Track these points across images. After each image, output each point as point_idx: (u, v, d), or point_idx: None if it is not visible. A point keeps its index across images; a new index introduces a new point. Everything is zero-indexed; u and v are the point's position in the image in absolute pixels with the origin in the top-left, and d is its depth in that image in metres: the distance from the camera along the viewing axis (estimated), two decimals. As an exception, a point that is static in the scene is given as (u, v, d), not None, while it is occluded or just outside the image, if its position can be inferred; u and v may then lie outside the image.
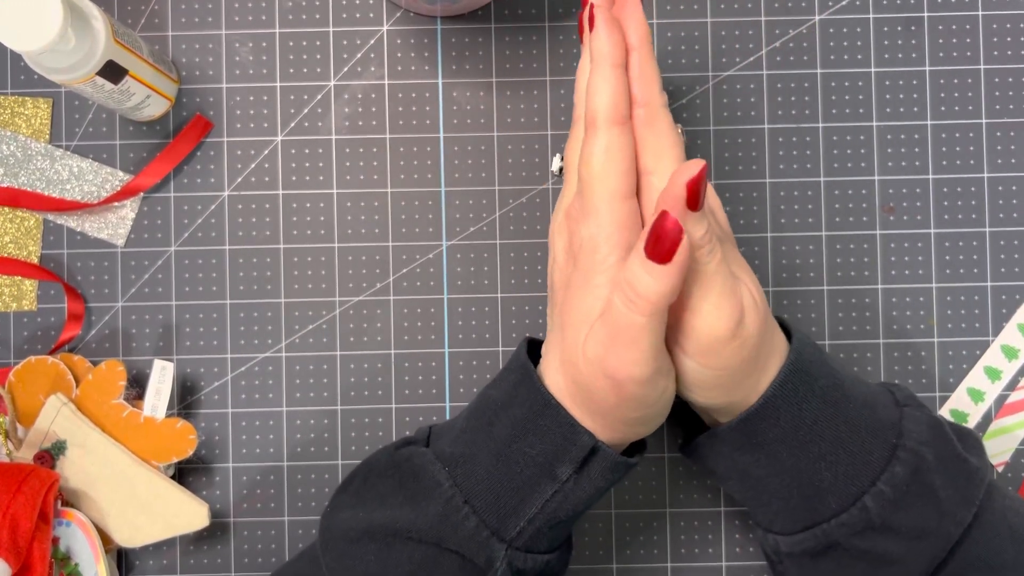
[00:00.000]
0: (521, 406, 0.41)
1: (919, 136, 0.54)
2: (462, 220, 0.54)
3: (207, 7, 0.54)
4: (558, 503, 0.41)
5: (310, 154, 0.54)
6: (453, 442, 0.43)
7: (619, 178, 0.40)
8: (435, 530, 0.41)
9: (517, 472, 0.40)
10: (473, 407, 0.44)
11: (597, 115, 0.40)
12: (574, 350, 0.40)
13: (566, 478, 0.40)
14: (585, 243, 0.40)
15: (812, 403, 0.40)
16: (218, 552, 0.53)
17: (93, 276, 0.54)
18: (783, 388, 0.40)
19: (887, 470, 0.40)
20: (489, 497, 0.41)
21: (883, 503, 0.40)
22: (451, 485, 0.41)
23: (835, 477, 0.40)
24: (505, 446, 0.41)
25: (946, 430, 0.42)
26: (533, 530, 0.41)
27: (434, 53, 0.54)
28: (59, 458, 0.50)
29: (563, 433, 0.40)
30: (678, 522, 0.53)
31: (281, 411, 0.53)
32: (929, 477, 0.40)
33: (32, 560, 0.47)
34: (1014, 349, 0.53)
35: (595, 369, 0.39)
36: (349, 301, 0.54)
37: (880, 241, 0.53)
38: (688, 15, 0.54)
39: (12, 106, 0.54)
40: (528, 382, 0.41)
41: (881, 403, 0.42)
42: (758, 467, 0.42)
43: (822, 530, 0.41)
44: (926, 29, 0.54)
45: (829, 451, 0.40)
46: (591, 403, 0.40)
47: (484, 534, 0.40)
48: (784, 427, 0.40)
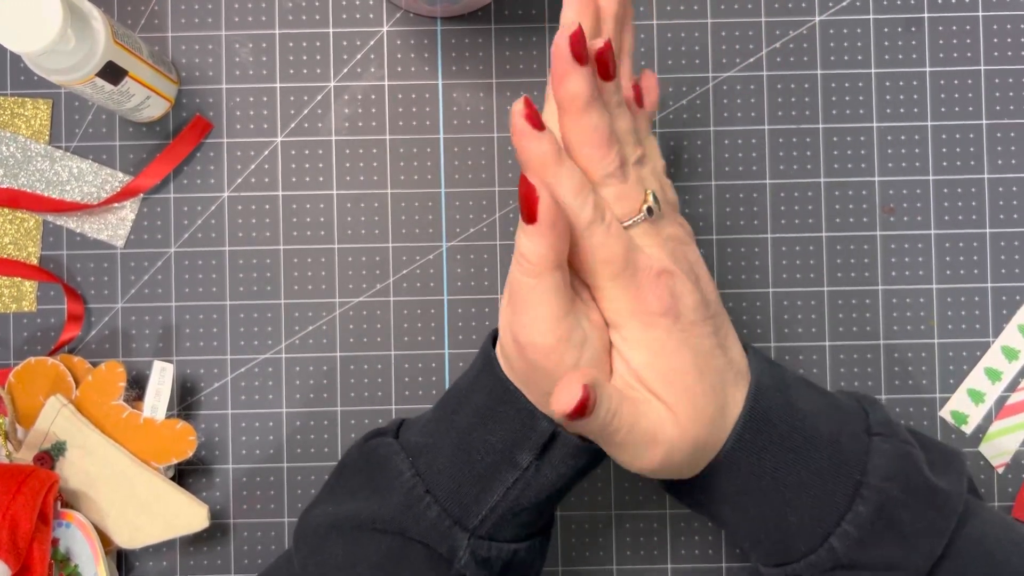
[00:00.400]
0: (482, 393, 0.41)
1: (919, 137, 0.54)
2: (462, 221, 0.54)
3: (207, 8, 0.54)
4: (520, 490, 0.40)
5: (310, 155, 0.54)
6: (420, 432, 0.43)
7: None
8: (398, 520, 0.41)
9: (478, 460, 0.40)
10: (443, 398, 0.44)
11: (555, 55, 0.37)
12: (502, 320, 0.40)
13: (527, 465, 0.40)
14: None
15: (771, 452, 0.39)
16: (218, 553, 0.53)
17: (93, 277, 0.54)
18: (739, 443, 0.39)
19: (851, 510, 0.39)
20: (450, 486, 0.41)
21: (849, 543, 0.39)
22: (413, 475, 0.41)
23: (801, 520, 0.40)
24: (466, 434, 0.41)
25: (915, 460, 0.40)
26: (496, 518, 0.41)
27: (434, 54, 0.54)
28: (59, 459, 0.50)
29: (522, 419, 0.40)
30: (678, 522, 0.53)
31: (281, 412, 0.53)
32: (896, 512, 0.39)
33: (32, 561, 0.47)
34: (1014, 350, 0.53)
35: (507, 335, 0.39)
36: (349, 302, 0.54)
37: (880, 242, 0.53)
38: (688, 15, 0.54)
39: (12, 107, 0.54)
40: (488, 369, 0.41)
41: (848, 433, 0.41)
42: (724, 513, 0.42)
43: (793, 569, 0.41)
44: (926, 29, 0.54)
45: (793, 497, 0.39)
46: (513, 373, 0.40)
47: (446, 523, 0.40)
48: (745, 479, 0.40)
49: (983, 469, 0.53)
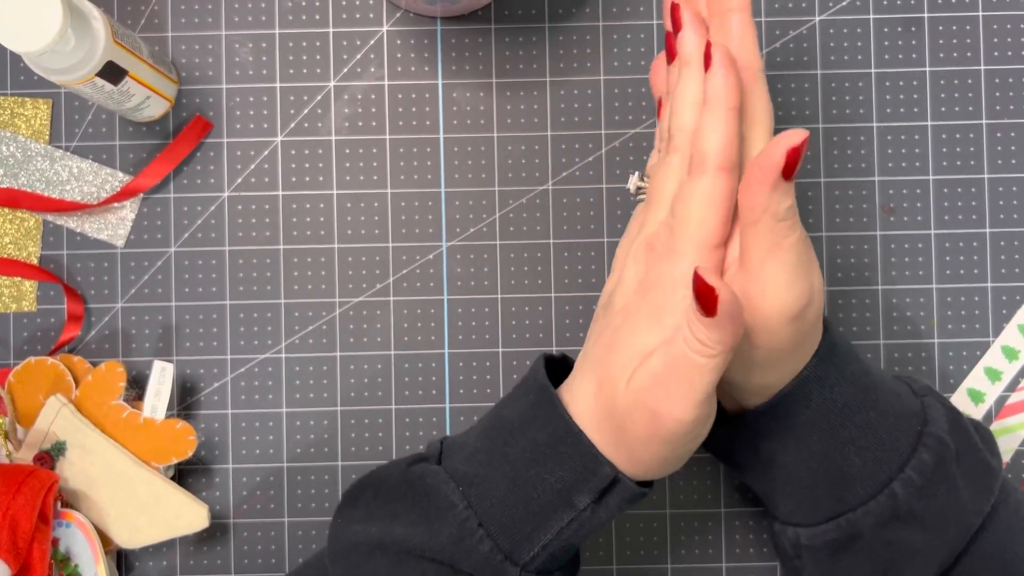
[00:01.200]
0: (541, 430, 0.40)
1: (919, 136, 0.54)
2: (462, 221, 0.54)
3: (207, 8, 0.54)
4: (574, 531, 0.40)
5: (310, 155, 0.54)
6: (467, 460, 0.42)
7: (717, 227, 0.38)
8: (448, 551, 0.40)
9: (534, 498, 0.40)
10: (487, 425, 0.43)
11: (707, 158, 0.38)
12: (620, 376, 0.38)
13: (584, 507, 0.40)
14: (665, 281, 0.39)
15: (843, 387, 0.40)
16: (218, 553, 0.53)
17: (93, 277, 0.54)
18: (816, 370, 0.40)
19: (914, 456, 0.40)
20: (504, 521, 0.40)
21: (910, 490, 0.40)
22: (466, 507, 0.40)
23: (864, 463, 0.40)
24: (523, 470, 0.40)
25: (964, 422, 0.42)
26: (547, 555, 0.40)
27: (434, 53, 0.54)
28: (59, 459, 0.50)
29: (584, 463, 0.39)
30: (678, 522, 0.53)
31: (281, 412, 0.53)
32: (951, 467, 0.40)
33: (32, 561, 0.47)
34: (1014, 350, 0.53)
35: (637, 399, 0.38)
36: (349, 302, 0.54)
37: (880, 241, 0.53)
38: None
39: (12, 107, 0.54)
40: (548, 405, 0.40)
41: (903, 392, 0.42)
42: (785, 453, 0.41)
43: (847, 520, 0.41)
44: (926, 29, 0.54)
45: (858, 436, 0.40)
46: (620, 433, 0.39)
47: (498, 558, 0.40)
48: (815, 410, 0.40)
49: (983, 469, 0.53)
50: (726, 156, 0.38)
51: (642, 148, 0.54)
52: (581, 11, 0.54)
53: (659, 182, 0.42)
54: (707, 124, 0.39)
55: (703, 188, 0.38)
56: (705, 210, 0.38)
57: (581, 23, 0.54)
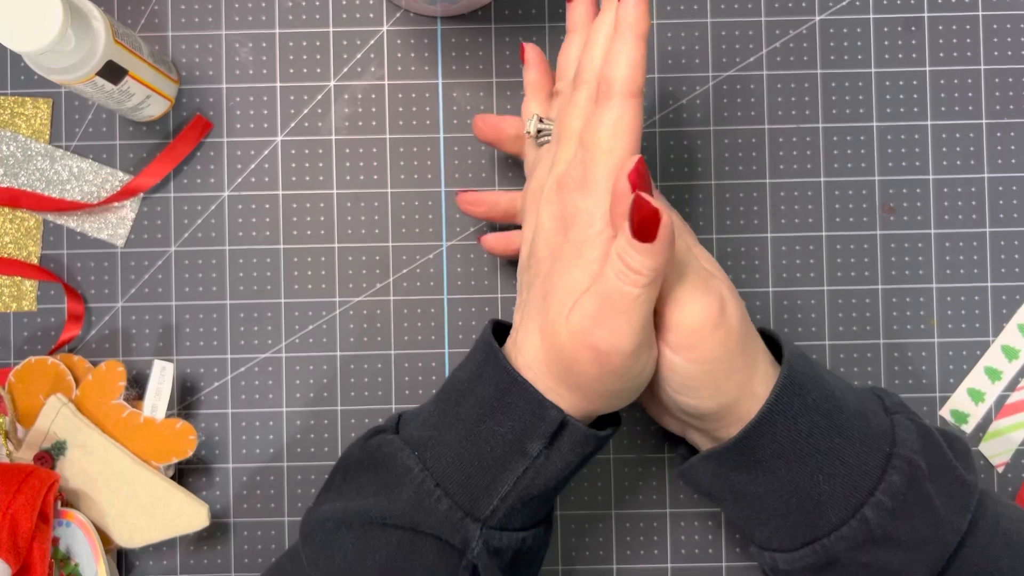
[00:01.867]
0: (487, 384, 0.41)
1: (919, 136, 0.54)
2: (462, 220, 0.54)
3: (207, 7, 0.54)
4: (530, 479, 0.41)
5: (310, 154, 0.54)
6: (421, 426, 0.43)
7: (626, 153, 0.39)
8: (409, 515, 0.41)
9: (487, 451, 0.40)
10: (440, 390, 0.44)
11: (613, 84, 0.39)
12: (558, 320, 0.39)
13: (536, 453, 0.40)
14: (581, 214, 0.40)
15: (806, 416, 0.40)
16: (218, 552, 0.53)
17: (93, 276, 0.54)
18: (778, 403, 0.40)
19: (884, 479, 0.40)
20: (460, 478, 0.41)
21: (882, 513, 0.39)
22: (421, 469, 0.41)
23: (833, 489, 0.40)
24: (474, 426, 0.41)
25: (936, 438, 0.42)
26: (507, 508, 0.41)
27: (434, 53, 0.54)
28: (59, 458, 0.50)
29: (531, 409, 0.40)
30: (678, 522, 0.53)
31: (281, 411, 0.53)
32: (924, 486, 0.40)
33: (32, 560, 0.47)
34: (1014, 349, 0.53)
35: (578, 340, 0.38)
36: (349, 301, 0.54)
37: (880, 241, 0.53)
38: (688, 15, 0.54)
39: (12, 106, 0.54)
40: (493, 360, 0.41)
41: (871, 410, 0.42)
42: (755, 485, 0.41)
43: (822, 545, 0.40)
44: (926, 29, 0.54)
45: (826, 463, 0.40)
46: (569, 375, 0.39)
47: (458, 515, 0.40)
48: (781, 442, 0.40)
49: (983, 468, 0.53)
50: (634, 82, 0.39)
51: (642, 147, 0.54)
52: (581, 11, 0.54)
53: (565, 119, 0.42)
54: (616, 50, 0.39)
55: (611, 114, 0.39)
56: (614, 137, 0.39)
57: (581, 23, 0.54)
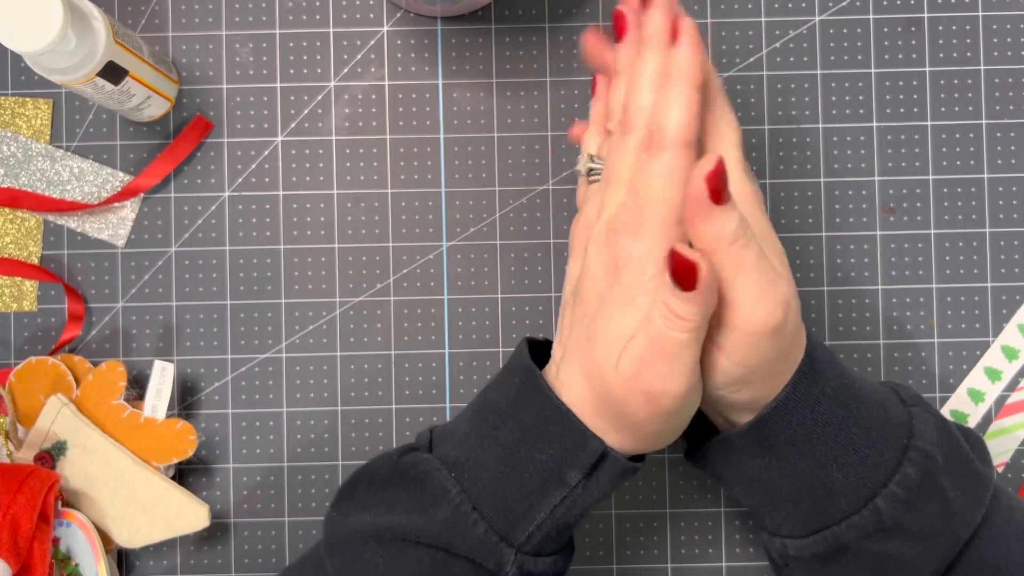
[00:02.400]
0: (529, 410, 0.41)
1: (919, 136, 0.54)
2: (462, 220, 0.54)
3: (207, 7, 0.54)
4: (567, 508, 0.40)
5: (310, 154, 0.54)
6: (457, 446, 0.42)
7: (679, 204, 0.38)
8: (444, 536, 0.40)
9: (526, 478, 0.40)
10: (475, 410, 0.43)
11: (667, 134, 0.38)
12: (605, 364, 0.39)
13: (575, 483, 0.40)
14: (633, 260, 0.39)
15: (824, 404, 0.40)
16: (218, 553, 0.53)
17: (93, 277, 0.54)
18: (795, 391, 0.40)
19: (899, 471, 0.40)
20: (498, 503, 0.40)
21: (895, 504, 0.39)
22: (459, 491, 0.41)
23: (846, 479, 0.40)
24: (513, 451, 0.40)
25: (953, 431, 0.42)
26: (542, 535, 0.41)
27: (434, 53, 0.54)
28: (59, 459, 0.50)
29: (573, 439, 0.40)
30: (678, 522, 0.53)
31: (281, 412, 0.53)
32: (939, 478, 0.40)
33: (32, 560, 0.47)
34: (1014, 350, 0.53)
35: (629, 384, 0.38)
36: (349, 301, 0.54)
37: (880, 241, 0.53)
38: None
39: (12, 107, 0.54)
40: (535, 386, 0.41)
41: (890, 402, 0.42)
42: (768, 471, 0.41)
43: (832, 533, 0.40)
44: (926, 29, 0.54)
45: (841, 453, 0.40)
46: (619, 417, 0.39)
47: (493, 539, 0.40)
48: (796, 430, 0.40)
49: (983, 469, 0.53)
50: (687, 132, 0.38)
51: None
52: (581, 11, 0.54)
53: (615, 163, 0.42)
54: (669, 100, 0.39)
55: (664, 165, 0.38)
56: (667, 188, 0.38)
57: (581, 23, 0.54)
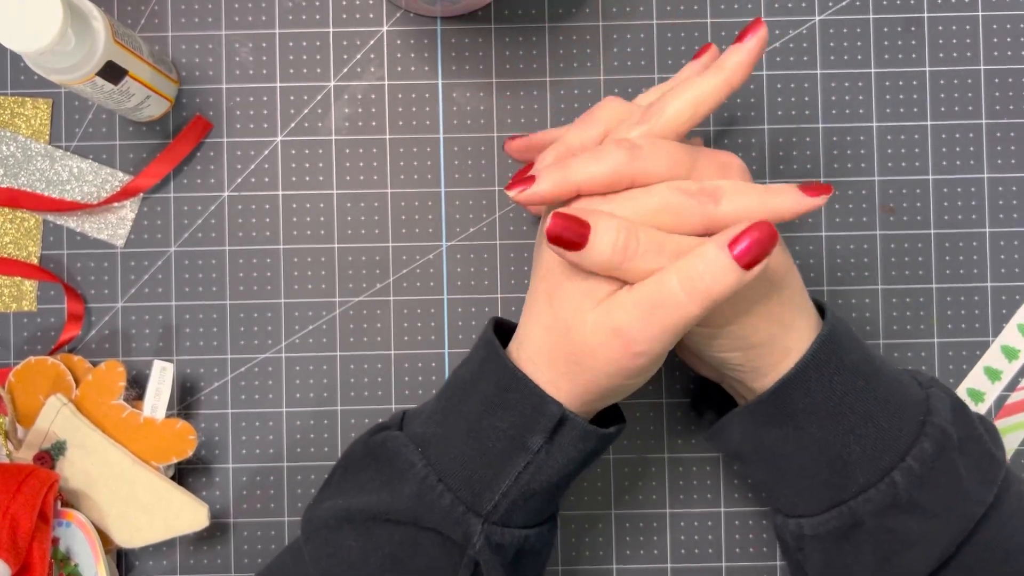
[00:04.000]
0: (489, 381, 0.41)
1: (919, 136, 0.54)
2: (462, 220, 0.54)
3: (207, 7, 0.54)
4: (531, 474, 0.41)
5: (310, 154, 0.54)
6: (425, 423, 0.43)
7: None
8: (411, 510, 0.41)
9: (489, 446, 0.41)
10: (443, 387, 0.44)
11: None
12: (576, 315, 0.39)
13: (537, 448, 0.40)
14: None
15: (843, 375, 0.41)
16: (218, 552, 0.53)
17: (93, 276, 0.54)
18: (815, 358, 0.40)
19: (916, 446, 0.40)
20: (463, 473, 0.41)
21: (911, 479, 0.40)
22: (424, 465, 0.41)
23: (863, 451, 0.40)
24: (476, 421, 0.41)
25: (968, 412, 0.43)
26: (508, 503, 0.41)
27: (434, 53, 0.54)
28: (59, 458, 0.50)
29: (532, 404, 0.40)
30: (678, 522, 0.53)
31: (281, 412, 0.53)
32: (953, 456, 0.40)
33: (32, 560, 0.47)
34: (1014, 350, 0.53)
35: (606, 332, 0.38)
36: (349, 301, 0.54)
37: (880, 241, 0.53)
38: (688, 15, 0.54)
39: (12, 106, 0.54)
40: (495, 357, 0.41)
41: (907, 381, 0.43)
42: (785, 442, 0.42)
43: (848, 508, 0.41)
44: (926, 29, 0.54)
45: (858, 424, 0.40)
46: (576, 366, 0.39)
47: (460, 510, 0.41)
48: (815, 397, 0.40)
49: (983, 469, 0.53)
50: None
51: (642, 148, 0.54)
52: (581, 11, 0.54)
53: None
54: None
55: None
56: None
57: (581, 23, 0.54)
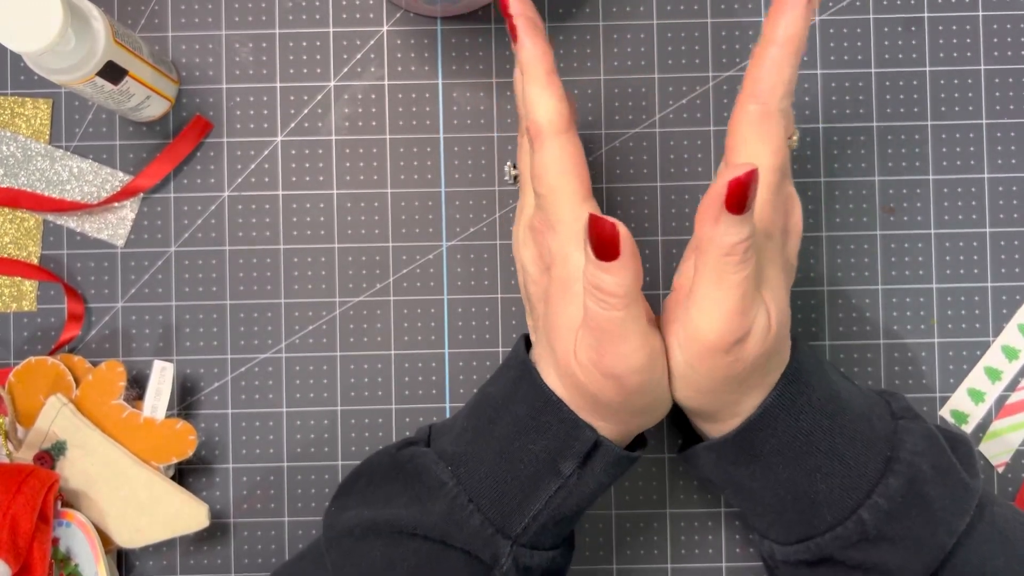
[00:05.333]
0: (522, 403, 0.41)
1: (919, 136, 0.54)
2: (462, 220, 0.54)
3: (207, 7, 0.54)
4: (562, 498, 0.41)
5: (310, 154, 0.54)
6: (455, 441, 0.43)
7: (575, 185, 0.39)
8: (440, 528, 0.41)
9: (520, 469, 0.40)
10: (472, 405, 0.44)
11: (541, 127, 0.39)
12: (567, 359, 0.39)
13: (569, 473, 0.40)
14: (556, 254, 0.40)
15: (808, 414, 0.40)
16: (218, 553, 0.53)
17: (93, 276, 0.54)
18: (781, 399, 0.40)
19: (882, 482, 0.40)
20: (493, 494, 0.41)
21: (878, 515, 0.39)
22: (455, 484, 0.41)
23: (830, 489, 0.40)
24: (507, 443, 0.41)
25: (940, 441, 0.42)
26: (538, 526, 0.41)
27: (434, 53, 0.54)
28: (59, 459, 0.50)
29: (565, 429, 0.40)
30: (678, 522, 0.53)
31: (281, 412, 0.53)
32: (924, 488, 0.40)
33: (32, 561, 0.47)
34: (1014, 350, 0.53)
35: (593, 373, 0.38)
36: (349, 301, 0.54)
37: (880, 241, 0.53)
38: (688, 15, 0.54)
39: (12, 106, 0.54)
40: (528, 379, 0.41)
41: (876, 414, 0.42)
42: (753, 480, 0.41)
43: (816, 543, 0.41)
44: (926, 29, 0.54)
45: (824, 463, 0.40)
46: (597, 406, 0.40)
47: (489, 531, 0.40)
48: (781, 438, 0.40)
49: (983, 468, 0.53)
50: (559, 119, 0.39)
51: (642, 147, 0.54)
52: (581, 11, 0.54)
53: (521, 167, 0.44)
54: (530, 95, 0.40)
55: (548, 154, 0.39)
56: (559, 176, 0.39)
57: (581, 23, 0.54)
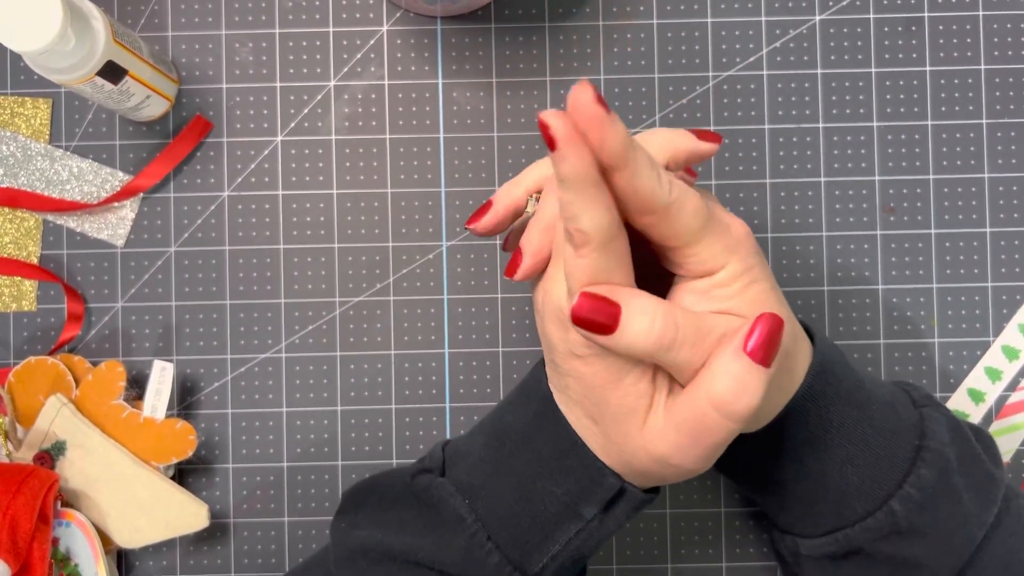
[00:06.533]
0: (545, 443, 0.40)
1: (919, 136, 0.54)
2: (462, 221, 0.54)
3: (207, 7, 0.54)
4: (583, 540, 0.40)
5: (310, 154, 0.54)
6: (472, 471, 0.42)
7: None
8: (459, 565, 0.40)
9: (541, 510, 0.40)
10: (489, 432, 0.42)
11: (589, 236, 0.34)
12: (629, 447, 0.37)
13: (591, 517, 0.39)
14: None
15: (838, 405, 0.40)
16: (218, 553, 0.53)
17: (93, 276, 0.54)
18: (811, 390, 0.39)
19: (913, 472, 0.39)
20: (513, 532, 0.40)
21: (910, 506, 0.39)
22: (474, 520, 0.40)
23: (861, 480, 0.40)
24: (529, 481, 0.40)
25: (964, 430, 0.42)
26: (556, 566, 0.40)
27: (434, 53, 0.54)
28: (59, 459, 0.50)
29: (589, 475, 0.39)
30: (678, 522, 0.53)
31: (281, 412, 0.53)
32: (952, 479, 0.40)
33: (32, 561, 0.47)
34: (1015, 350, 0.53)
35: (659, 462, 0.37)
36: (349, 301, 0.54)
37: (880, 241, 0.53)
38: (688, 15, 0.54)
39: (12, 106, 0.54)
40: (551, 416, 0.40)
41: (900, 402, 0.42)
42: (782, 471, 0.41)
43: (845, 535, 0.40)
44: (926, 29, 0.54)
45: (855, 454, 0.40)
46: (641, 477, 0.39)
47: (507, 570, 0.40)
48: (812, 430, 0.40)
49: (983, 469, 0.53)
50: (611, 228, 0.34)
51: (642, 148, 0.53)
52: (581, 11, 0.54)
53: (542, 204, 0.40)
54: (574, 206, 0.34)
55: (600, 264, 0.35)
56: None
57: (581, 23, 0.54)
